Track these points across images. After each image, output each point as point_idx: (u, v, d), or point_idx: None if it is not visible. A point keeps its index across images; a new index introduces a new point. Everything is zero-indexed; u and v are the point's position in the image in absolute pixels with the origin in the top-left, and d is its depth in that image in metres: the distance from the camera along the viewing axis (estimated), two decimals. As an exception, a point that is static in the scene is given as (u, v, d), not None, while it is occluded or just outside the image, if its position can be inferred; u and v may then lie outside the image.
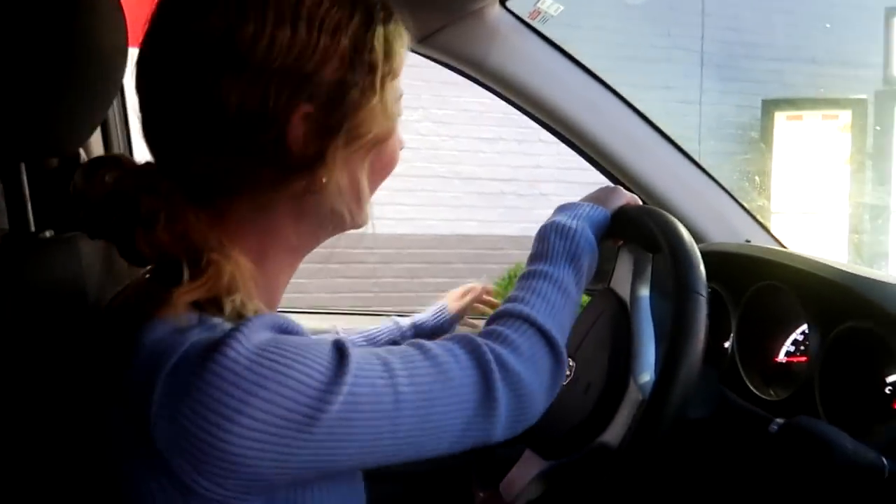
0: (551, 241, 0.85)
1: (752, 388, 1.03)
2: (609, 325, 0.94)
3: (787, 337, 1.06)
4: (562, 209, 0.91)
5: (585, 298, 0.93)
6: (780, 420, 0.83)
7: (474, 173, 5.72)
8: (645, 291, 0.93)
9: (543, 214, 0.93)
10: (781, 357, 1.06)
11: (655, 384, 0.80)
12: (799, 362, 1.04)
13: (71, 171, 0.97)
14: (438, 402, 0.69)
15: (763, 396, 1.01)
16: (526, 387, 0.73)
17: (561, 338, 0.78)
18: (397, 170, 0.79)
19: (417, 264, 5.70)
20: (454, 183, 5.66)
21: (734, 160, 5.56)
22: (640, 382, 0.86)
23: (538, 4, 1.40)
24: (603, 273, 0.96)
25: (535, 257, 0.86)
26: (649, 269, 0.94)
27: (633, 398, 0.86)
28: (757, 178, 5.18)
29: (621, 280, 0.96)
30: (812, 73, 5.91)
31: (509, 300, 0.80)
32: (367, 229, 0.78)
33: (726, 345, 1.11)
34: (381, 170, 0.77)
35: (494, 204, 5.74)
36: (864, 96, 5.34)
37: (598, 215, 0.90)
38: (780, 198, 5.06)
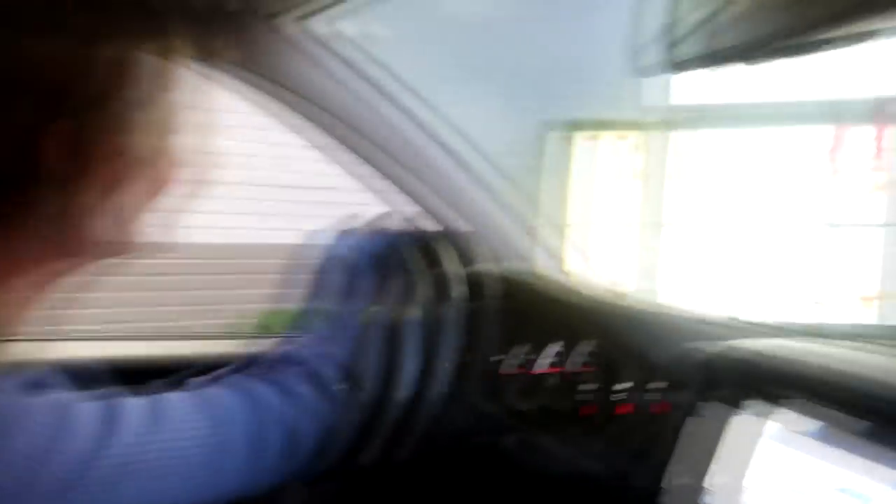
0: (328, 275, 0.88)
1: (505, 401, 1.11)
2: (377, 346, 0.98)
3: (543, 353, 1.16)
4: (338, 238, 0.94)
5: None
6: (514, 436, 0.91)
7: (280, 180, 5.61)
8: (413, 312, 0.98)
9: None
10: (538, 370, 1.16)
11: (408, 401, 0.86)
12: (551, 375, 1.14)
13: None
14: (215, 450, 0.70)
15: (519, 408, 1.09)
16: (300, 432, 0.76)
17: (337, 378, 0.81)
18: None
19: (229, 275, 5.53)
20: (253, 190, 5.52)
21: (531, 179, 5.85)
22: (398, 400, 0.91)
23: (338, 26, 1.43)
24: (375, 296, 1.00)
25: (313, 292, 0.88)
26: (418, 290, 0.99)
27: (390, 416, 0.90)
28: (553, 196, 5.51)
29: (391, 302, 1.00)
30: (607, 95, 6.36)
31: (287, 343, 0.82)
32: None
33: (488, 359, 1.19)
34: (151, 191, 0.71)
35: (313, 213, 5.68)
36: (651, 119, 5.83)
37: (372, 242, 0.94)
38: (575, 214, 5.44)
